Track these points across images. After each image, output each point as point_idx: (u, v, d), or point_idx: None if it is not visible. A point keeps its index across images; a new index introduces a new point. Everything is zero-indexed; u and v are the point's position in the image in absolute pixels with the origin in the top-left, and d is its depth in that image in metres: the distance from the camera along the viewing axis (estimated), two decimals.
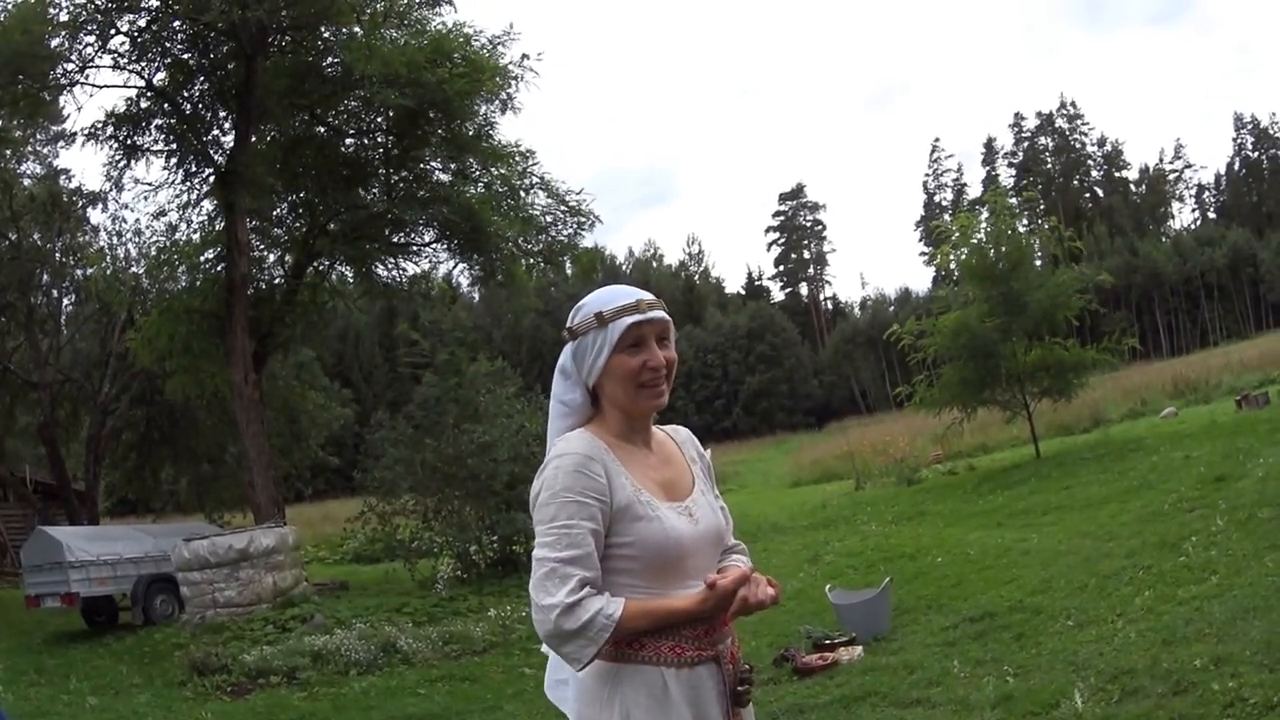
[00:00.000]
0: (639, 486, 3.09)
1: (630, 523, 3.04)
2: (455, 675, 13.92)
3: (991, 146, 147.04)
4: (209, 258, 26.67)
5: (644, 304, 3.15)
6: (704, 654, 3.07)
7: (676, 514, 3.12)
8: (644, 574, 3.05)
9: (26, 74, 22.51)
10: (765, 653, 11.19)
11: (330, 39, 24.99)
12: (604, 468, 3.05)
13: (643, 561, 3.04)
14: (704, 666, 3.06)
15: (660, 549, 3.04)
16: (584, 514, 2.98)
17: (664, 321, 3.18)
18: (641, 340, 3.14)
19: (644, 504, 3.06)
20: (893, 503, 26.11)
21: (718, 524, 3.24)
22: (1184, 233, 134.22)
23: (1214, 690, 6.95)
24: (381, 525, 24.83)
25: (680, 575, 3.09)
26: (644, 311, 3.13)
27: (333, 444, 43.04)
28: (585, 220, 27.38)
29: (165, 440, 36.21)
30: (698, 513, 3.18)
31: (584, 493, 2.99)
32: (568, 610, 2.89)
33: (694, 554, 3.12)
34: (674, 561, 3.07)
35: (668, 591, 3.05)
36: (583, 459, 3.03)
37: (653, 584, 3.06)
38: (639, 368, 3.12)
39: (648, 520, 3.04)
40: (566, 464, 3.03)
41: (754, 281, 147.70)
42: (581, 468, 3.02)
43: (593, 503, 2.99)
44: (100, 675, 16.53)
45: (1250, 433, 20.19)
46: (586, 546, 2.96)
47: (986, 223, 28.00)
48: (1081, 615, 10.16)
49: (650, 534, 3.04)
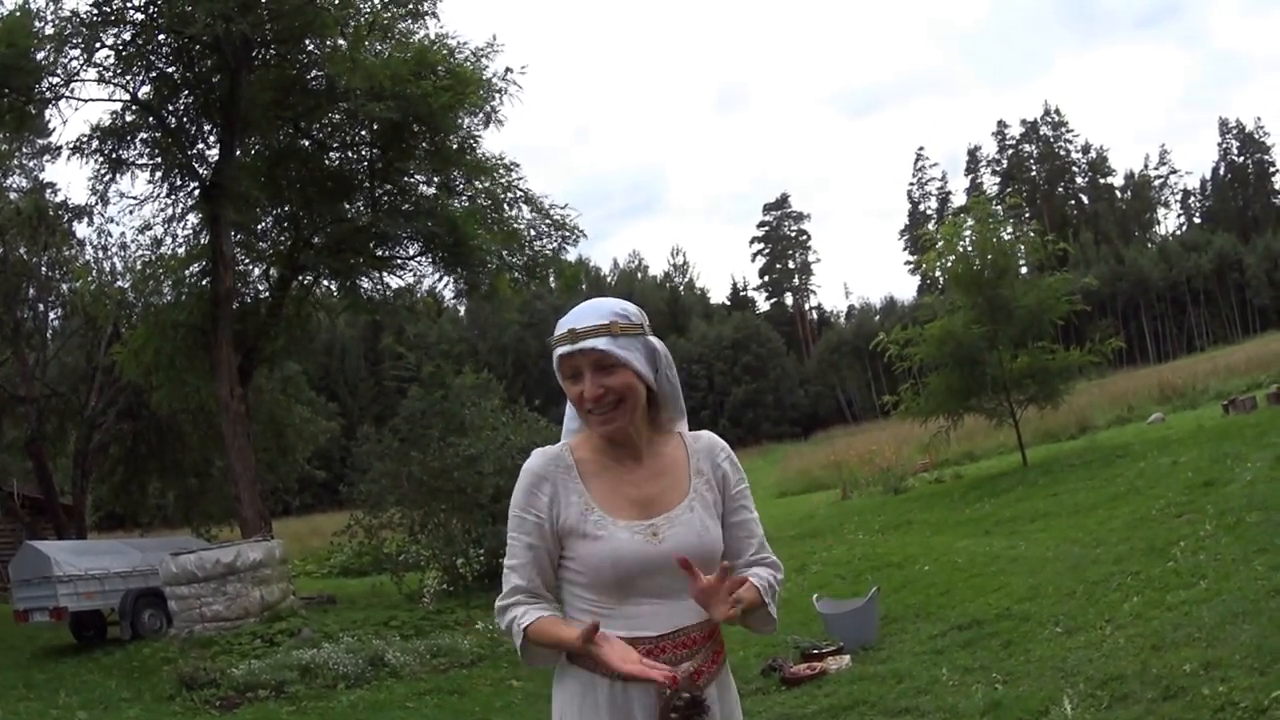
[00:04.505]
0: (592, 505, 3.15)
1: (575, 540, 3.15)
2: (443, 688, 13.88)
3: (975, 155, 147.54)
4: (194, 271, 26.56)
5: (577, 332, 3.13)
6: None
7: (631, 533, 3.12)
8: (592, 589, 3.15)
9: (11, 87, 22.41)
10: (753, 663, 11.18)
11: (314, 52, 24.95)
12: (552, 487, 3.19)
13: (587, 578, 3.15)
14: (637, 686, 3.04)
15: (597, 569, 3.12)
16: (524, 529, 3.19)
17: (597, 353, 3.11)
18: (576, 370, 3.16)
19: (591, 523, 3.14)
20: (880, 512, 26.15)
21: (697, 542, 3.16)
22: (1170, 239, 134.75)
23: (1204, 695, 6.95)
24: (368, 539, 24.83)
25: (630, 593, 3.10)
26: (575, 342, 3.12)
27: (319, 458, 43.05)
28: (570, 234, 27.39)
29: (152, 454, 36.10)
30: (666, 532, 3.15)
31: (527, 510, 3.19)
32: (500, 611, 3.21)
33: (650, 574, 3.10)
34: (616, 581, 3.10)
35: (618, 608, 3.11)
36: (534, 478, 3.22)
37: (603, 599, 3.13)
38: (577, 397, 3.18)
39: (592, 539, 3.13)
40: (522, 482, 3.23)
41: (739, 292, 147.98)
42: (531, 487, 3.21)
43: (532, 520, 3.18)
44: (89, 690, 16.44)
45: (1238, 437, 20.22)
46: (523, 558, 3.18)
47: (971, 230, 28.03)
48: (1070, 622, 10.16)
49: (590, 553, 3.13)
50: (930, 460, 36.30)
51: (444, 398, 25.08)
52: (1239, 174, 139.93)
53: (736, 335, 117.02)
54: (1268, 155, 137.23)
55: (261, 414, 31.50)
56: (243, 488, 24.42)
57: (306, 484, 45.83)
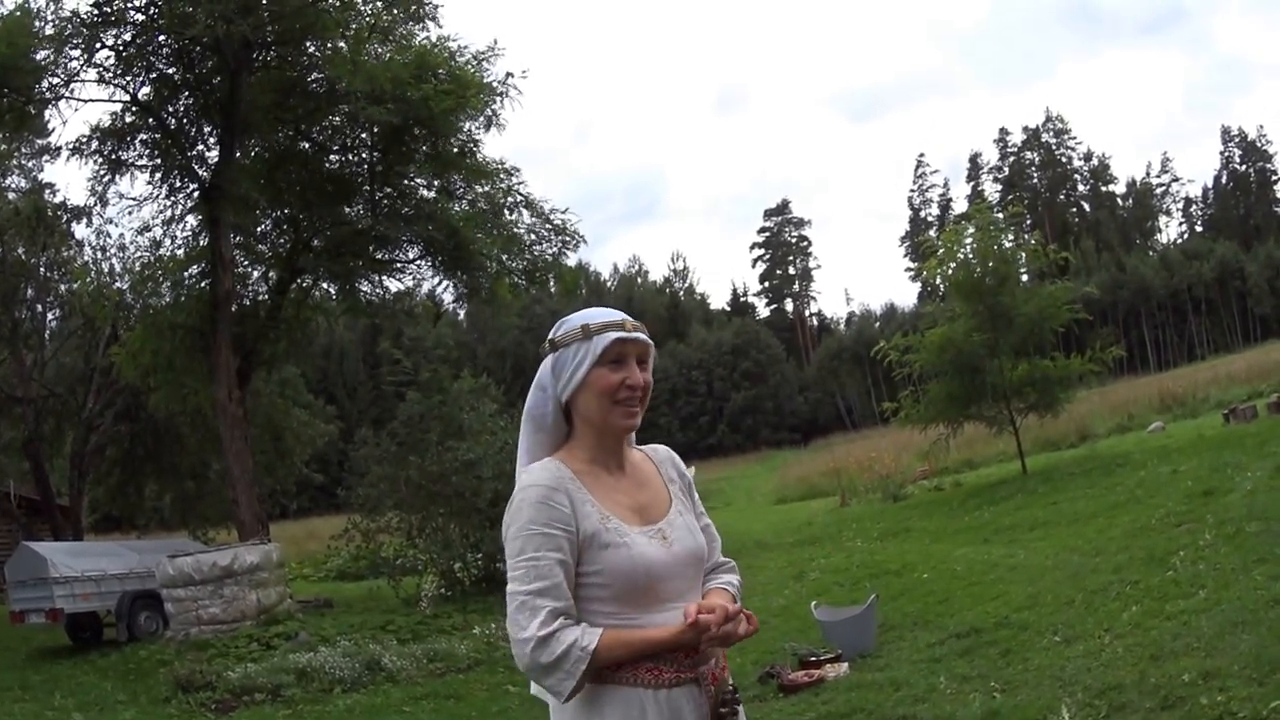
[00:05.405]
0: (606, 514, 3.08)
1: (598, 551, 3.03)
2: (440, 693, 13.85)
3: (977, 162, 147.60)
4: (193, 273, 26.57)
5: (629, 324, 3.17)
6: (683, 676, 3.02)
7: (648, 538, 3.10)
8: (616, 601, 3.03)
9: (11, 87, 22.44)
10: (751, 670, 11.15)
11: (315, 54, 24.97)
12: (568, 497, 3.04)
13: (613, 589, 3.03)
14: (683, 689, 3.02)
15: (629, 576, 3.02)
16: (550, 545, 2.97)
17: (646, 344, 3.20)
18: (623, 357, 3.15)
19: (611, 531, 3.05)
20: (878, 519, 26.13)
21: (695, 545, 3.21)
22: (1171, 247, 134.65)
23: (1202, 705, 6.93)
24: (366, 542, 24.81)
25: (654, 600, 3.06)
26: (628, 330, 3.15)
27: (317, 461, 43.04)
28: (570, 239, 27.38)
29: (149, 456, 36.06)
30: (672, 535, 3.16)
31: (549, 524, 2.99)
32: (541, 644, 2.89)
33: (668, 578, 3.09)
34: (646, 587, 3.04)
35: (643, 617, 3.02)
36: (546, 490, 3.03)
37: (626, 610, 3.03)
38: (618, 384, 3.12)
39: (615, 547, 3.03)
40: (531, 496, 3.03)
41: (739, 298, 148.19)
42: (545, 499, 3.01)
43: (558, 533, 2.99)
44: (85, 692, 16.43)
45: (1238, 447, 20.16)
46: (555, 577, 2.95)
47: (972, 238, 28.01)
48: (1069, 631, 10.14)
49: (618, 561, 3.02)
50: (930, 468, 36.25)
51: (442, 402, 25.05)
52: (1241, 182, 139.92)
53: (736, 341, 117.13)
54: (1270, 163, 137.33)
55: (259, 417, 31.52)
56: (240, 490, 24.41)
57: (304, 487, 45.72)
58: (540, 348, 3.26)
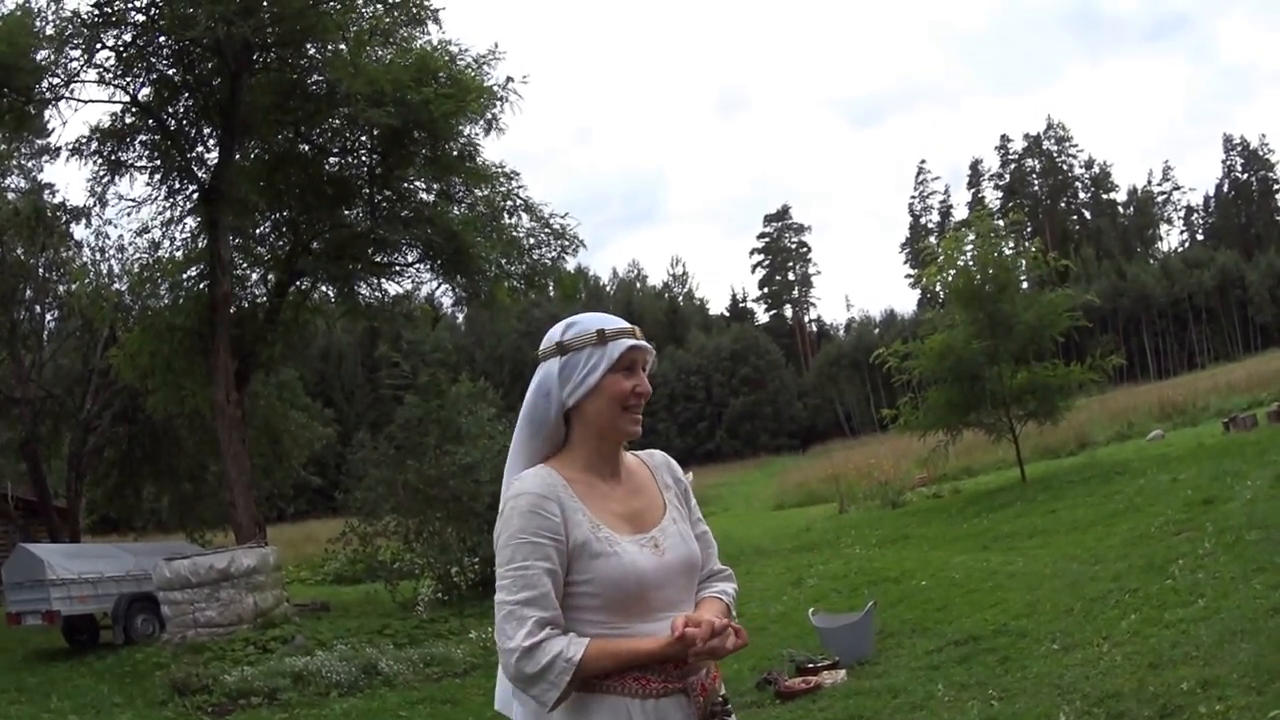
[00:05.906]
0: (597, 522, 3.05)
1: (588, 560, 3.00)
2: (436, 697, 13.84)
3: (978, 168, 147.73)
4: (192, 275, 26.52)
5: (638, 331, 3.20)
6: (671, 686, 3.00)
7: (639, 547, 3.08)
8: (606, 610, 3.01)
9: (11, 87, 22.43)
10: (748, 676, 11.13)
11: (315, 56, 24.94)
12: (559, 505, 3.02)
13: (603, 598, 3.00)
14: (671, 699, 2.99)
15: (619, 585, 3.00)
16: (538, 554, 2.95)
17: (651, 352, 3.23)
18: (634, 365, 3.16)
19: (602, 540, 3.02)
20: (877, 526, 26.10)
21: (688, 553, 3.19)
22: (1172, 255, 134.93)
23: (1201, 713, 6.92)
24: (363, 546, 24.79)
25: (645, 609, 3.04)
26: (639, 339, 3.17)
27: (314, 464, 43.00)
28: (569, 244, 27.35)
29: (147, 458, 36.03)
30: (665, 543, 3.14)
31: (538, 533, 2.97)
32: (526, 653, 2.88)
33: (660, 586, 3.07)
34: (637, 596, 3.02)
35: (633, 626, 3.01)
36: (536, 499, 3.00)
37: (616, 619, 3.01)
38: (630, 390, 3.13)
39: (605, 556, 3.01)
40: (521, 505, 3.00)
41: (738, 303, 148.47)
42: (536, 508, 2.99)
43: (547, 542, 2.97)
44: (81, 694, 16.42)
45: (1238, 455, 20.17)
46: (542, 587, 2.93)
47: (972, 245, 28.01)
48: (1067, 639, 10.11)
49: (608, 570, 3.00)
50: (928, 475, 36.27)
51: (440, 406, 25.07)
52: (1243, 190, 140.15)
53: (735, 347, 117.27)
54: (1272, 172, 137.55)
55: (257, 419, 31.49)
56: (237, 493, 24.37)
57: (301, 490, 45.66)
58: (539, 350, 3.23)
